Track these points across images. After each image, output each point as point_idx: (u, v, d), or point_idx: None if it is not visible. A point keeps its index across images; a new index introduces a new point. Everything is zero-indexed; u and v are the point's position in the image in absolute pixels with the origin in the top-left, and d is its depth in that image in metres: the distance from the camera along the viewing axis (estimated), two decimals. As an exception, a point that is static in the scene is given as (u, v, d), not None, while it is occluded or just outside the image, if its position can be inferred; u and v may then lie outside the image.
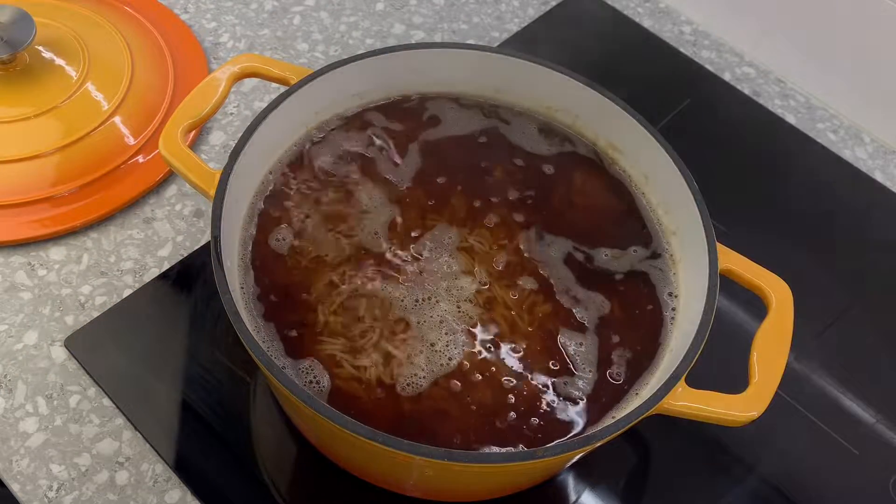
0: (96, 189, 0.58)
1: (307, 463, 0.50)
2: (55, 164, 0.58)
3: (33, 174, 0.57)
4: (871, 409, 0.55)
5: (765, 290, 0.45)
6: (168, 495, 0.48)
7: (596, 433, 0.38)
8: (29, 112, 0.59)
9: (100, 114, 0.60)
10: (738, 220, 0.62)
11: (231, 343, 0.53)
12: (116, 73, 0.62)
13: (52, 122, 0.59)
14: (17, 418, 0.50)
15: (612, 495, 0.50)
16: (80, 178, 0.58)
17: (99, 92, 0.61)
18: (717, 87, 0.72)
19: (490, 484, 0.46)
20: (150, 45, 0.66)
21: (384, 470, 0.45)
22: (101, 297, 0.55)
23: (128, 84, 0.62)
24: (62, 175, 0.57)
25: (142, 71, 0.63)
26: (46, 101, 0.59)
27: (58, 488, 0.48)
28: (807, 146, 0.69)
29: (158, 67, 0.65)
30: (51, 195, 0.57)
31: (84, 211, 0.57)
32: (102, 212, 0.57)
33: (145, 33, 0.67)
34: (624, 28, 0.75)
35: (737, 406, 0.41)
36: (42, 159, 0.57)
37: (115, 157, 0.59)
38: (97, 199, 0.58)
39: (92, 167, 0.58)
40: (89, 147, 0.59)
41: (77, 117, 0.59)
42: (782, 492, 0.51)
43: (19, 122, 0.58)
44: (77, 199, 0.57)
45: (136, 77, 0.62)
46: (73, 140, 0.58)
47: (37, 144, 0.58)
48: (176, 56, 0.66)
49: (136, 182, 0.59)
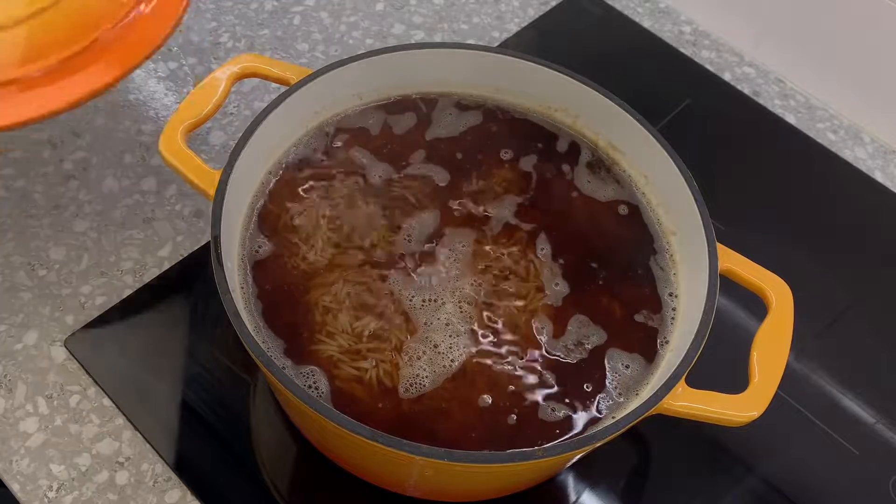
0: (90, 56, 0.46)
1: (307, 463, 0.50)
2: (24, 32, 0.45)
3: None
4: (871, 409, 0.55)
5: (765, 290, 0.45)
6: (168, 495, 0.48)
7: (596, 433, 0.38)
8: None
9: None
10: (738, 220, 0.62)
11: (231, 343, 0.53)
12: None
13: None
14: (17, 418, 0.50)
15: (612, 495, 0.50)
16: (64, 46, 0.45)
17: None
18: (717, 87, 0.72)
19: (490, 484, 0.46)
20: None
21: (384, 470, 0.45)
22: (101, 297, 0.55)
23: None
24: (37, 47, 0.45)
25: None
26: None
27: (58, 488, 0.48)
28: (807, 146, 0.69)
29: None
30: (19, 76, 0.44)
31: (72, 86, 0.45)
32: (96, 85, 0.45)
33: None
34: (624, 28, 0.75)
35: (737, 406, 0.41)
36: (6, 31, 0.45)
37: (106, 16, 0.46)
38: (88, 72, 0.45)
39: (78, 31, 0.45)
40: (69, 7, 0.45)
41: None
42: (782, 492, 0.51)
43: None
44: (58, 76, 0.45)
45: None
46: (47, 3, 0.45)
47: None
48: None
49: (139, 41, 0.46)
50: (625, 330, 0.46)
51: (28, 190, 0.59)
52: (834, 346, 0.58)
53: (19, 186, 0.59)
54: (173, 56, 0.68)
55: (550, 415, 0.43)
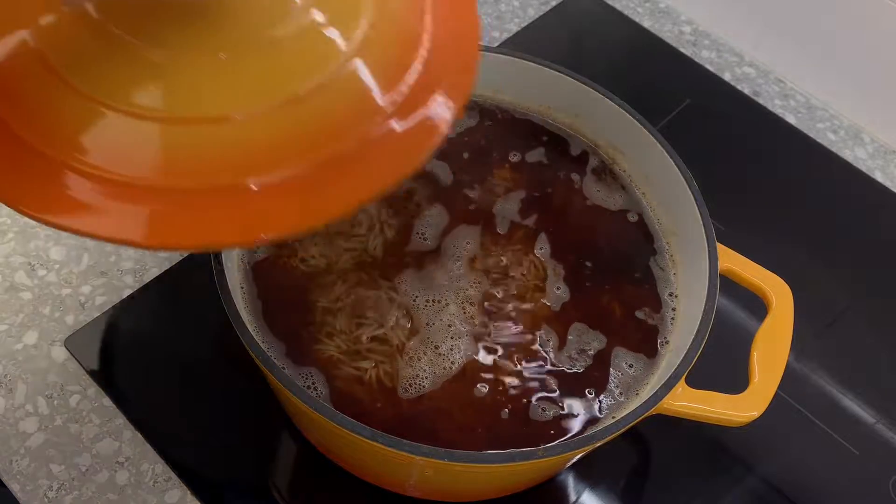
0: (323, 176, 0.35)
1: (307, 463, 0.50)
2: (253, 132, 0.34)
3: (219, 146, 0.34)
4: (871, 409, 0.55)
5: (765, 290, 0.45)
6: (168, 495, 0.48)
7: (596, 433, 0.38)
8: (214, 47, 0.34)
9: (331, 55, 0.35)
10: (738, 220, 0.62)
11: (231, 343, 0.53)
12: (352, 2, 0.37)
13: (252, 68, 0.35)
14: (17, 418, 0.50)
15: (612, 495, 0.50)
16: (295, 158, 0.34)
17: (329, 20, 0.36)
18: (717, 87, 0.72)
19: (490, 484, 0.46)
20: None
21: (384, 470, 0.45)
22: (101, 297, 0.55)
23: (373, 6, 0.37)
24: (265, 152, 0.35)
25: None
26: (243, 35, 0.35)
27: (58, 488, 0.48)
28: (807, 146, 0.69)
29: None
30: (246, 181, 0.34)
31: (299, 209, 0.34)
32: (331, 210, 0.35)
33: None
34: (624, 28, 0.75)
35: (737, 406, 0.41)
36: (233, 125, 0.34)
37: (353, 125, 0.35)
38: (323, 193, 0.35)
39: (315, 140, 0.35)
40: (311, 108, 0.35)
41: (292, 60, 0.35)
42: (782, 492, 0.51)
43: (203, 63, 0.34)
44: (288, 192, 0.34)
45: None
46: (285, 98, 0.35)
47: (225, 100, 0.34)
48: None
49: (391, 162, 0.36)
50: (625, 330, 0.46)
51: (28, 190, 0.59)
52: (834, 346, 0.58)
53: (19, 186, 0.59)
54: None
55: (551, 415, 0.43)
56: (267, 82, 0.35)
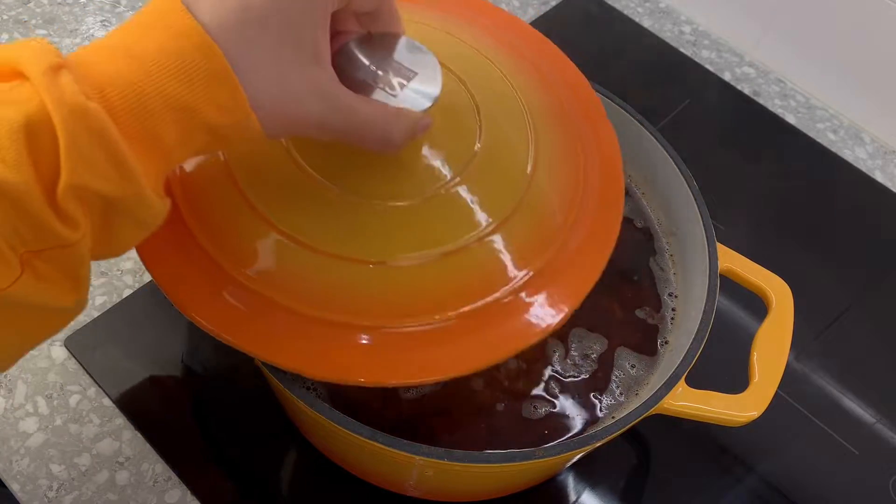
0: (442, 334, 0.37)
1: (307, 463, 0.50)
2: (380, 280, 0.37)
3: (347, 283, 0.37)
4: (871, 409, 0.55)
5: (765, 290, 0.45)
6: (168, 495, 0.48)
7: (596, 433, 0.38)
8: (383, 195, 0.38)
9: (469, 226, 0.38)
10: (738, 220, 0.62)
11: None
12: (511, 165, 0.40)
13: (412, 220, 0.38)
14: (17, 418, 0.50)
15: (612, 495, 0.50)
16: (416, 313, 0.37)
17: (475, 193, 0.39)
18: (717, 87, 0.72)
19: (490, 484, 0.46)
20: (558, 126, 0.43)
21: (384, 470, 0.45)
22: (101, 297, 0.55)
23: (526, 185, 0.40)
24: (388, 303, 0.37)
25: (546, 166, 0.41)
26: (410, 190, 0.38)
27: (58, 488, 0.48)
28: (807, 146, 0.69)
29: (567, 160, 0.42)
30: (368, 324, 0.36)
31: (413, 364, 0.36)
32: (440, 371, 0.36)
33: (554, 107, 0.44)
34: (624, 28, 0.75)
35: (737, 406, 0.41)
36: (364, 267, 0.37)
37: (479, 291, 0.38)
38: (440, 350, 0.37)
39: (440, 300, 0.37)
40: (439, 270, 0.37)
41: (431, 222, 0.38)
42: (782, 492, 0.51)
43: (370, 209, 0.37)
44: (408, 343, 0.36)
45: (537, 175, 0.40)
46: (435, 253, 0.37)
47: (357, 242, 0.37)
48: (589, 144, 0.44)
49: (512, 332, 0.37)
50: (626, 330, 0.46)
51: (28, 190, 0.59)
52: (834, 346, 0.58)
53: (19, 186, 0.59)
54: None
55: (550, 415, 0.43)
56: (422, 236, 0.38)
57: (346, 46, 0.36)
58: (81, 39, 0.68)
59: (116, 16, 0.70)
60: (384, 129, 0.35)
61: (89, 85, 0.27)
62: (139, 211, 0.29)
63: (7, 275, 0.27)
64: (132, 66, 0.28)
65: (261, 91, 0.30)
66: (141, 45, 0.29)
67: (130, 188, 0.28)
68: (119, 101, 0.28)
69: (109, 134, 0.27)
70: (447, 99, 0.37)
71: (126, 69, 0.28)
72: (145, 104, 0.28)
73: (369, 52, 0.37)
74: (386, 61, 0.37)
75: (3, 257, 0.26)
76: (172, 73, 0.28)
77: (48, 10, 0.69)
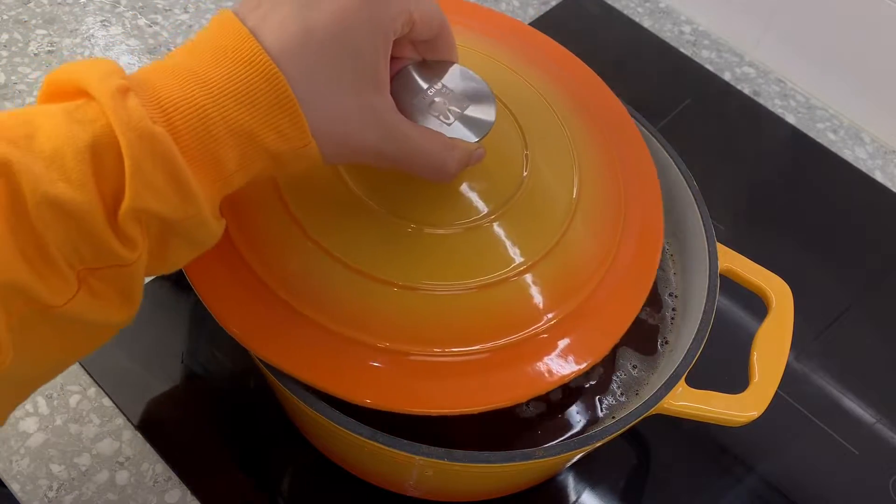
0: (465, 367, 0.37)
1: (307, 463, 0.50)
2: (410, 305, 0.37)
3: (379, 304, 0.37)
4: (871, 409, 0.55)
5: (765, 290, 0.45)
6: (168, 495, 0.48)
7: (596, 433, 0.38)
8: (431, 223, 0.38)
9: (501, 264, 0.38)
10: (738, 220, 0.62)
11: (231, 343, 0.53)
12: (550, 210, 0.40)
13: (427, 244, 0.38)
14: (17, 418, 0.50)
15: (612, 495, 0.50)
16: (440, 341, 0.37)
17: (511, 233, 0.39)
18: (717, 87, 0.72)
19: (490, 484, 0.46)
20: (603, 172, 0.43)
21: (384, 470, 0.45)
22: (101, 297, 0.55)
23: (561, 233, 0.40)
24: (415, 328, 0.37)
25: (586, 216, 0.41)
26: (429, 213, 0.38)
27: (58, 488, 0.48)
28: (807, 146, 0.69)
29: (608, 206, 0.42)
30: (392, 348, 0.37)
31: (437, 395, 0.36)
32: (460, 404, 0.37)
33: (601, 150, 0.44)
34: (624, 28, 0.75)
35: (737, 406, 0.41)
36: (396, 290, 0.37)
37: (504, 329, 0.38)
38: (460, 384, 0.37)
39: (464, 332, 0.37)
40: (468, 302, 0.38)
41: (464, 256, 0.38)
42: (782, 492, 0.51)
43: (417, 236, 0.38)
44: (428, 372, 0.37)
45: (574, 223, 0.40)
46: (473, 285, 0.37)
47: (393, 264, 0.37)
48: (631, 189, 0.44)
49: (533, 375, 0.37)
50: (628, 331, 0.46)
51: (28, 190, 0.59)
52: (834, 346, 0.58)
53: (19, 186, 0.59)
54: (173, 56, 0.68)
55: (551, 415, 0.43)
56: (456, 266, 0.38)
57: (403, 72, 0.37)
58: (81, 39, 0.68)
59: (116, 16, 0.70)
60: (439, 160, 0.35)
61: (154, 107, 0.27)
62: (197, 233, 0.29)
63: (65, 292, 0.27)
64: (196, 90, 0.28)
65: (320, 118, 0.30)
66: (205, 68, 0.29)
67: (191, 211, 0.28)
68: (183, 124, 0.28)
69: (174, 159, 0.27)
70: (495, 128, 0.38)
71: (191, 93, 0.28)
72: (209, 128, 0.28)
73: (425, 79, 0.37)
74: (441, 89, 0.37)
75: (62, 274, 0.26)
76: (237, 99, 0.28)
77: (48, 10, 0.69)
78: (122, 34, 0.69)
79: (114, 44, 0.68)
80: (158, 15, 0.70)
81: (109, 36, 0.68)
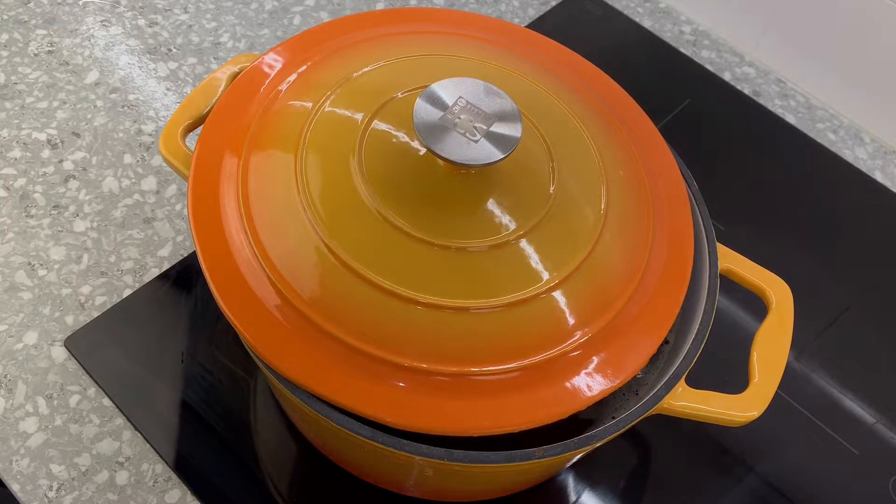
0: (494, 386, 0.37)
1: (307, 463, 0.50)
2: (474, 325, 0.37)
3: (399, 321, 0.37)
4: (871, 409, 0.55)
5: (765, 290, 0.45)
6: (168, 495, 0.48)
7: (596, 433, 0.38)
8: (458, 237, 0.38)
9: (530, 281, 0.38)
10: (738, 220, 0.62)
11: (231, 343, 0.53)
12: (579, 224, 0.40)
13: (453, 261, 0.38)
14: (17, 418, 0.50)
15: (612, 495, 0.50)
16: (468, 360, 0.37)
17: (539, 250, 0.39)
18: (717, 87, 0.72)
19: (490, 484, 0.46)
20: (630, 183, 0.43)
21: (384, 470, 0.45)
22: (101, 297, 0.55)
23: (590, 248, 0.40)
24: (439, 347, 0.37)
25: (615, 230, 0.41)
26: (455, 230, 0.38)
27: (58, 488, 0.48)
28: (807, 146, 0.69)
29: (637, 218, 0.42)
30: (418, 367, 0.36)
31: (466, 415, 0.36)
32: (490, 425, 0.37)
33: (627, 160, 0.44)
34: (624, 28, 0.75)
35: (737, 406, 0.41)
36: (456, 315, 0.37)
37: (535, 348, 0.37)
38: (489, 403, 0.37)
39: (493, 351, 0.37)
40: (493, 321, 0.37)
41: (492, 274, 0.38)
42: (782, 492, 0.51)
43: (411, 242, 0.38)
44: (455, 391, 0.36)
45: (603, 237, 0.40)
46: (466, 305, 0.37)
47: (419, 282, 0.37)
48: (658, 199, 0.44)
49: (563, 394, 0.37)
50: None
51: (28, 190, 0.59)
52: (834, 346, 0.58)
53: (19, 186, 0.59)
54: (173, 56, 0.68)
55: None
56: (491, 284, 0.38)
57: (427, 91, 0.37)
58: (81, 39, 0.68)
59: (116, 16, 0.70)
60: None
61: None
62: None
63: None
64: None
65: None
66: None
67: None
68: None
69: None
70: (521, 143, 0.38)
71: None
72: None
73: (449, 96, 0.38)
74: (465, 106, 0.37)
75: None
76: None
77: (48, 10, 0.69)
78: (122, 34, 0.69)
79: (114, 44, 0.68)
80: (158, 15, 0.71)
81: (109, 36, 0.69)
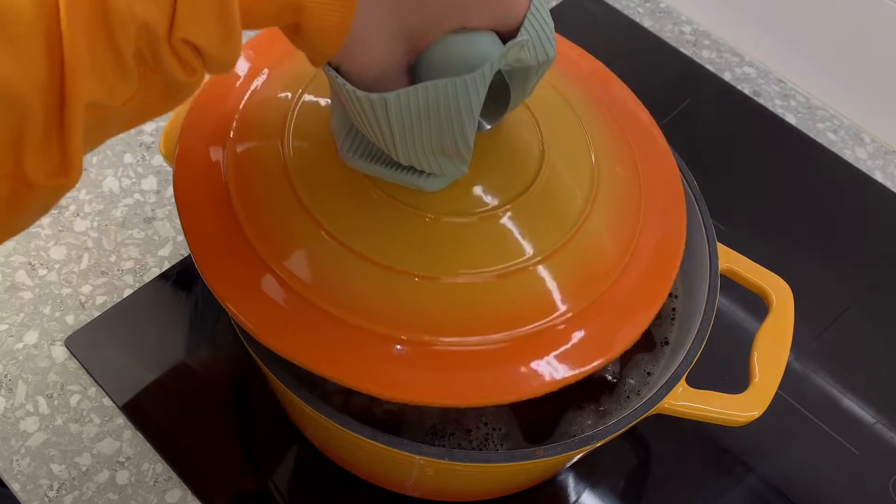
0: (485, 357, 0.37)
1: (307, 463, 0.50)
2: (425, 294, 0.37)
3: (392, 294, 0.37)
4: (871, 409, 0.55)
5: (765, 289, 0.45)
6: (168, 495, 0.48)
7: (596, 433, 0.38)
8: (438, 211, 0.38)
9: (519, 252, 0.39)
10: (738, 220, 0.62)
11: (231, 343, 0.53)
12: (568, 201, 0.41)
13: (441, 232, 0.38)
14: (18, 418, 0.50)
15: (612, 495, 0.50)
16: (459, 330, 0.37)
17: (527, 223, 0.39)
18: (717, 87, 0.72)
19: (490, 484, 0.46)
20: (622, 166, 0.44)
21: (384, 470, 0.45)
22: (101, 296, 0.55)
23: (581, 221, 0.40)
24: (431, 318, 0.37)
25: (603, 204, 0.41)
26: (443, 202, 0.38)
27: (58, 488, 0.48)
28: (807, 146, 0.69)
29: (626, 200, 0.43)
30: (412, 339, 0.36)
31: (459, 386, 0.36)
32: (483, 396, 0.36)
33: (619, 145, 0.45)
34: (624, 28, 0.75)
35: (737, 406, 0.41)
36: (411, 280, 0.37)
37: (524, 318, 0.38)
38: (482, 375, 0.36)
39: (484, 321, 0.37)
40: (482, 292, 0.38)
41: (481, 245, 0.38)
42: (782, 492, 0.51)
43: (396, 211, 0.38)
44: (445, 362, 0.36)
45: (593, 212, 0.41)
46: (461, 276, 0.37)
47: (408, 254, 0.37)
48: (650, 185, 0.44)
49: (553, 365, 0.37)
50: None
51: (28, 190, 0.59)
52: (834, 346, 0.58)
53: (19, 186, 0.59)
54: (173, 56, 0.68)
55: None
56: (480, 255, 0.38)
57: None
58: (82, 39, 0.68)
59: (117, 16, 0.70)
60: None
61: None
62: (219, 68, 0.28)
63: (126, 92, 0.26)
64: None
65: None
66: None
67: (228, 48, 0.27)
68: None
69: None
70: (513, 120, 0.37)
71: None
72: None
73: None
74: None
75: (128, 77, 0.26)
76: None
77: (48, 9, 0.69)
78: (123, 34, 0.69)
79: (114, 44, 0.68)
80: (158, 15, 0.70)
81: (109, 36, 0.68)
